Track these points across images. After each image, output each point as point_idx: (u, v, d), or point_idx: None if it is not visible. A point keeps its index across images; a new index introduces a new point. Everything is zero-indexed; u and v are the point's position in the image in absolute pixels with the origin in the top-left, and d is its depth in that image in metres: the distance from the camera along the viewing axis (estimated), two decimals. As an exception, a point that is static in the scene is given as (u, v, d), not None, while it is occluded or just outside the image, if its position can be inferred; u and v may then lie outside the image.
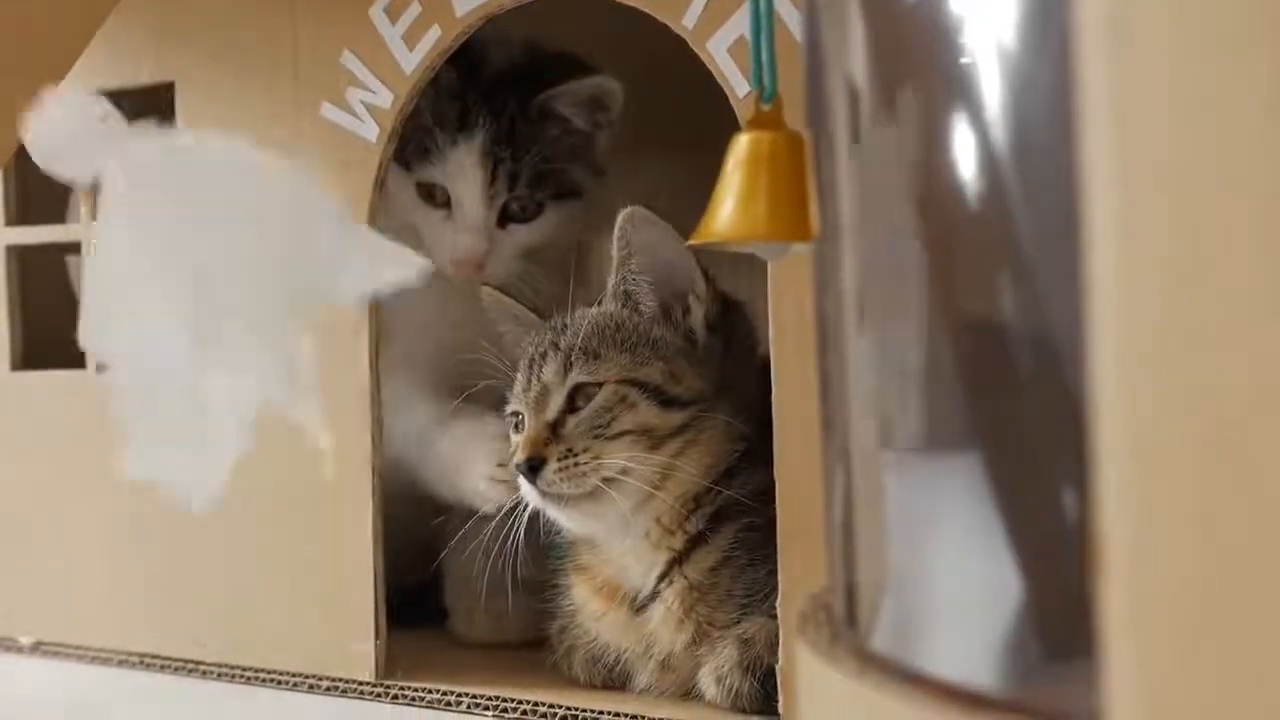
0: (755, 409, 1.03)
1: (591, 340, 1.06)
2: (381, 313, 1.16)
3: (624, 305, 1.08)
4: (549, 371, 1.07)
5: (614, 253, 1.07)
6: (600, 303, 1.09)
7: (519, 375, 1.10)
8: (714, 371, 1.06)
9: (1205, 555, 0.41)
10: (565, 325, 1.09)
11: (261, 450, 1.20)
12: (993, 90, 0.52)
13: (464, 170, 1.22)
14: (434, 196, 1.24)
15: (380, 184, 1.14)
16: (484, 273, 1.23)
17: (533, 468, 1.04)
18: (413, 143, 1.21)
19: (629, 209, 1.05)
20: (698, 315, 1.07)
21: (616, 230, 1.05)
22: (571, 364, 1.06)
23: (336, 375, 1.15)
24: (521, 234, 1.26)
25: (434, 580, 1.29)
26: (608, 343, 1.06)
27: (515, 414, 1.09)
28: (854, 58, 0.60)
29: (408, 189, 1.24)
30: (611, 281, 1.08)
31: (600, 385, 1.05)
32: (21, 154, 1.09)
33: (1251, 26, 0.40)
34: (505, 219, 1.25)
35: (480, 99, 1.23)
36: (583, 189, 1.29)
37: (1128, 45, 0.42)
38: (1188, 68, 0.41)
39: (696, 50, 1.01)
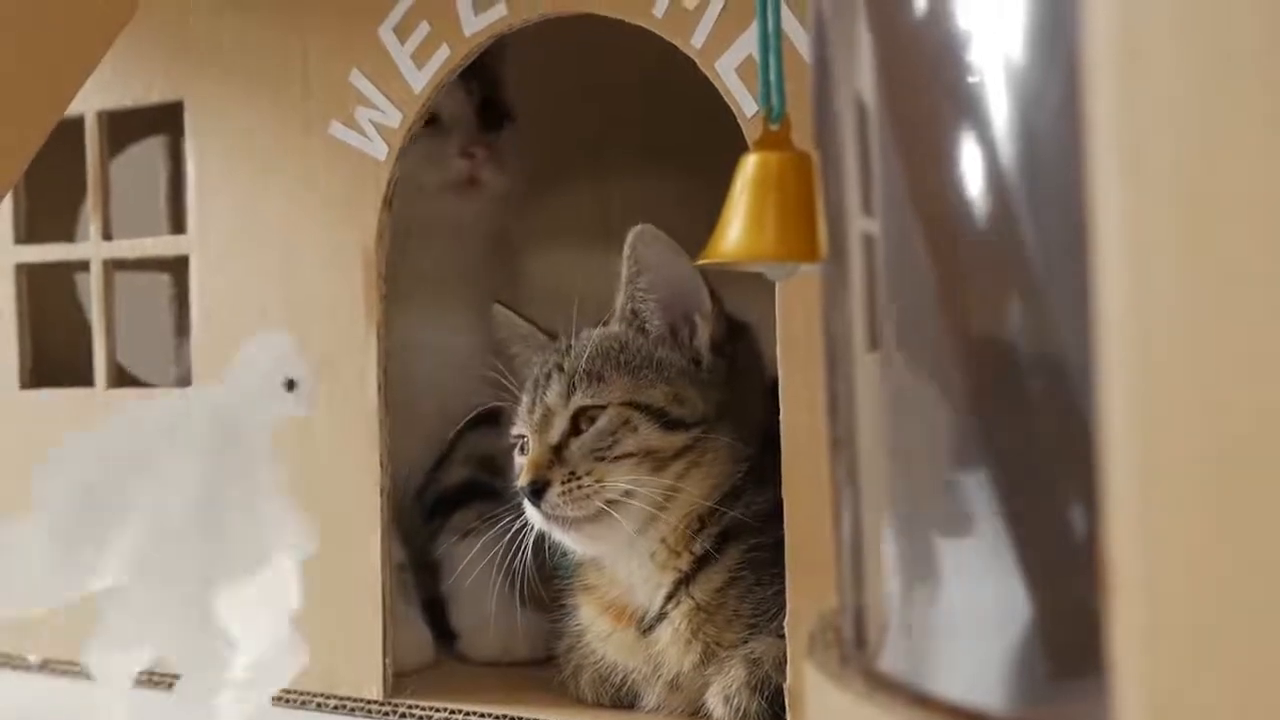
0: (760, 430, 1.03)
1: (595, 362, 1.07)
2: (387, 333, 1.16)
3: (630, 325, 1.08)
4: (552, 394, 1.07)
5: (622, 270, 1.07)
6: (606, 323, 1.09)
7: (524, 397, 1.10)
8: (718, 393, 1.06)
9: (1214, 575, 0.41)
10: (569, 347, 1.09)
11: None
12: (1001, 109, 0.52)
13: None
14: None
15: (389, 203, 1.14)
16: (486, 173, 1.28)
17: (536, 491, 1.04)
18: None
19: (639, 227, 1.05)
20: (704, 336, 1.07)
21: (626, 248, 1.05)
22: (575, 386, 1.06)
23: (344, 395, 1.15)
24: (500, 142, 1.30)
25: (442, 601, 1.29)
26: (611, 364, 1.07)
27: (520, 436, 1.09)
28: (862, 77, 0.60)
29: None
30: (619, 300, 1.08)
31: (603, 408, 1.05)
32: (31, 173, 1.10)
33: (1260, 45, 0.40)
34: (484, 126, 1.30)
35: None
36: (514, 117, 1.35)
37: (1136, 64, 0.42)
38: (1196, 86, 0.41)
39: (705, 70, 1.01)
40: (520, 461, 1.08)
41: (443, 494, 1.32)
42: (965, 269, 0.56)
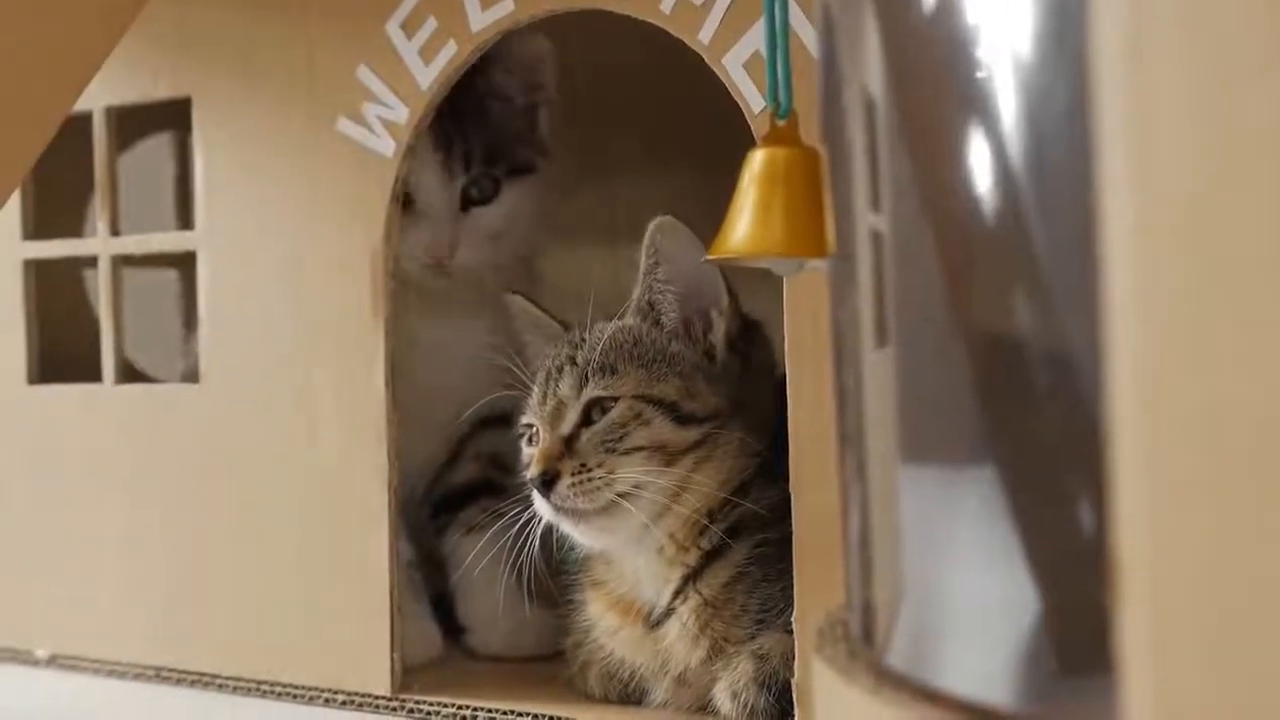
0: (770, 426, 1.03)
1: (609, 355, 1.06)
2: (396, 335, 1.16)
3: (645, 318, 1.08)
4: (565, 386, 1.07)
5: (641, 261, 1.07)
6: (620, 315, 1.09)
7: (535, 388, 1.10)
8: (731, 389, 1.06)
9: (1223, 572, 0.41)
10: (583, 339, 1.09)
11: (279, 468, 1.21)
12: (1009, 105, 0.52)
13: (421, 159, 1.22)
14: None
15: (397, 199, 1.15)
16: (455, 260, 1.25)
17: (546, 482, 1.03)
18: None
19: (660, 218, 1.04)
20: (719, 332, 1.07)
21: (646, 239, 1.05)
22: (587, 378, 1.06)
23: (351, 391, 1.15)
24: (484, 216, 1.27)
25: (451, 595, 1.29)
26: (625, 357, 1.06)
27: (529, 426, 1.09)
28: (870, 73, 0.60)
29: None
30: (636, 291, 1.08)
31: (616, 400, 1.05)
32: (39, 169, 1.10)
33: (1266, 46, 0.40)
34: (467, 204, 1.26)
35: None
36: (535, 165, 1.31)
37: (1143, 63, 0.42)
38: (1203, 86, 0.41)
39: (712, 66, 1.01)
40: (529, 452, 1.08)
41: (451, 490, 1.32)
42: (973, 265, 0.56)
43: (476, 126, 1.26)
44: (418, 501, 1.32)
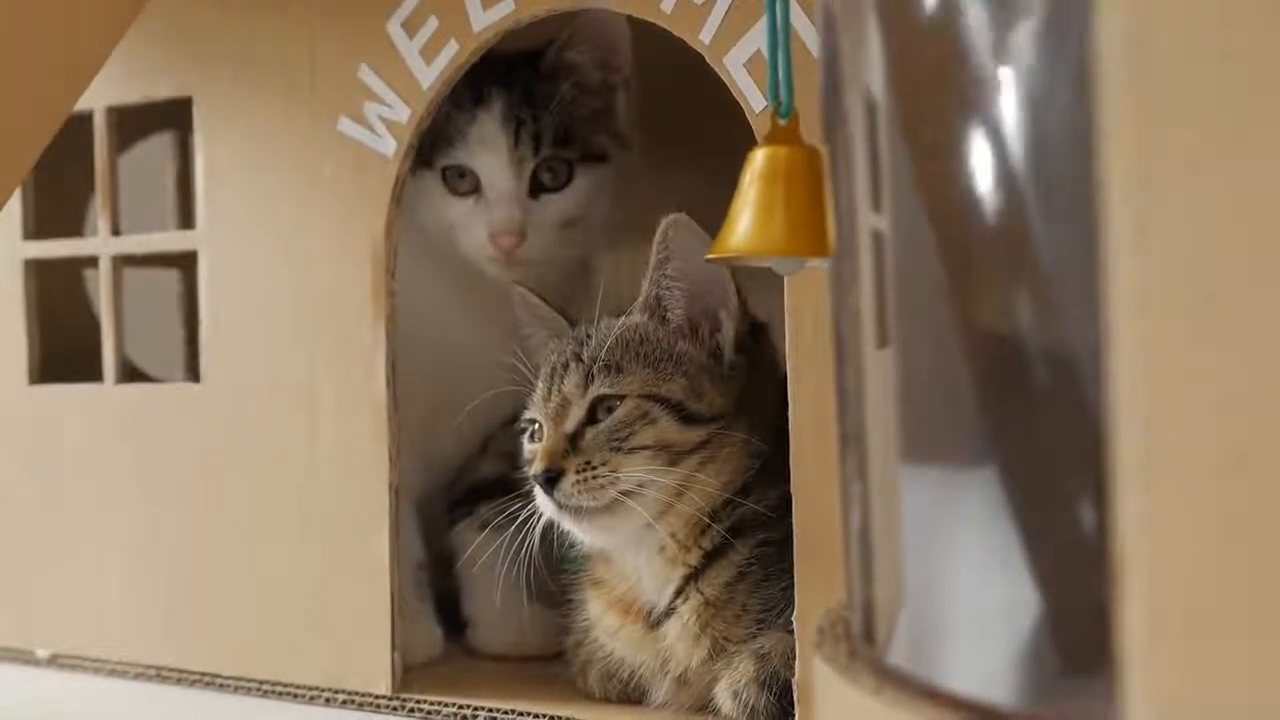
0: (773, 426, 1.03)
1: (615, 352, 1.06)
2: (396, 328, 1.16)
3: (652, 316, 1.08)
4: (570, 383, 1.06)
5: (651, 257, 1.06)
6: (628, 313, 1.09)
7: (539, 384, 1.09)
8: (736, 390, 1.06)
9: (1223, 570, 0.41)
10: (589, 335, 1.09)
11: (280, 467, 1.21)
12: (1010, 105, 0.52)
13: (486, 140, 1.21)
14: (462, 184, 1.23)
15: (398, 199, 1.15)
16: (524, 248, 1.21)
17: (550, 479, 1.03)
18: (430, 141, 1.20)
19: (672, 216, 1.04)
20: (728, 333, 1.07)
21: (657, 235, 1.05)
22: (593, 376, 1.05)
23: (352, 390, 1.15)
24: (555, 203, 1.23)
25: (454, 590, 1.29)
26: (631, 355, 1.06)
27: (532, 421, 1.09)
28: (871, 73, 0.60)
29: (434, 189, 1.24)
30: (644, 286, 1.08)
31: (622, 398, 1.05)
32: (39, 169, 1.10)
33: (1269, 40, 0.40)
34: (537, 190, 1.22)
35: (492, 75, 1.21)
36: (609, 154, 1.26)
37: (1146, 61, 0.42)
38: (1206, 83, 0.41)
39: (713, 65, 1.01)
40: (531, 448, 1.08)
41: (470, 486, 1.31)
42: (974, 265, 0.56)
43: (547, 108, 1.22)
44: (438, 501, 1.32)
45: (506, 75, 1.22)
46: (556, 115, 1.22)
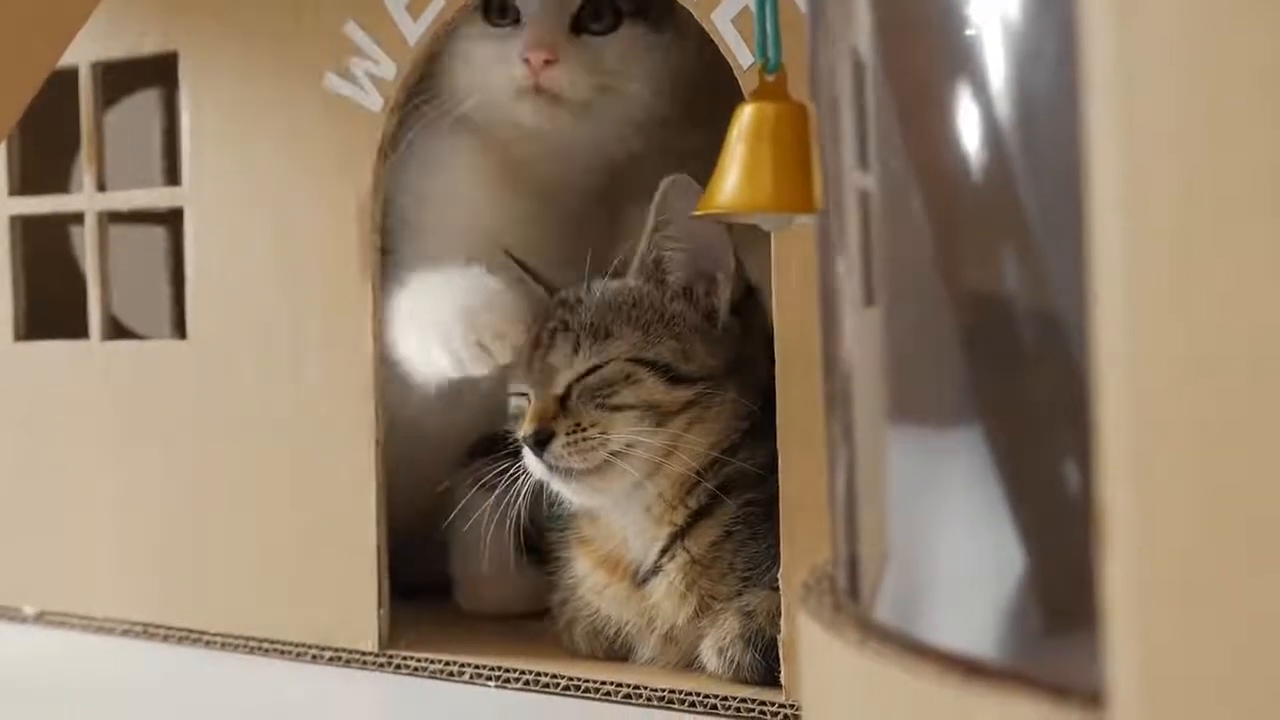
0: (763, 386, 1.03)
1: (605, 316, 1.06)
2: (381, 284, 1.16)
3: (649, 278, 1.07)
4: (557, 355, 1.06)
5: (649, 218, 1.06)
6: (619, 274, 1.08)
7: (525, 349, 1.09)
8: (728, 351, 1.06)
9: (1207, 527, 0.41)
10: (579, 299, 1.08)
11: (266, 424, 1.21)
12: (997, 62, 0.52)
13: None
14: (503, 18, 1.14)
15: (384, 155, 1.14)
16: (555, 75, 1.11)
17: (540, 441, 1.03)
18: None
19: (673, 176, 1.04)
20: (724, 294, 1.07)
21: (657, 195, 1.04)
22: (580, 345, 1.05)
23: (339, 348, 1.15)
24: (595, 45, 1.14)
25: (440, 547, 1.28)
26: (621, 319, 1.06)
27: (521, 392, 1.09)
28: (858, 29, 0.60)
29: (475, 26, 1.15)
30: (641, 248, 1.07)
31: (608, 363, 1.05)
32: (24, 125, 1.09)
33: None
34: (578, 29, 1.14)
35: None
36: (663, 24, 1.15)
37: (1133, 15, 0.41)
38: (1193, 38, 0.40)
39: (701, 21, 1.01)
40: (517, 404, 1.08)
41: (481, 439, 1.25)
42: (961, 223, 0.56)
43: None
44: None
45: None
46: None
